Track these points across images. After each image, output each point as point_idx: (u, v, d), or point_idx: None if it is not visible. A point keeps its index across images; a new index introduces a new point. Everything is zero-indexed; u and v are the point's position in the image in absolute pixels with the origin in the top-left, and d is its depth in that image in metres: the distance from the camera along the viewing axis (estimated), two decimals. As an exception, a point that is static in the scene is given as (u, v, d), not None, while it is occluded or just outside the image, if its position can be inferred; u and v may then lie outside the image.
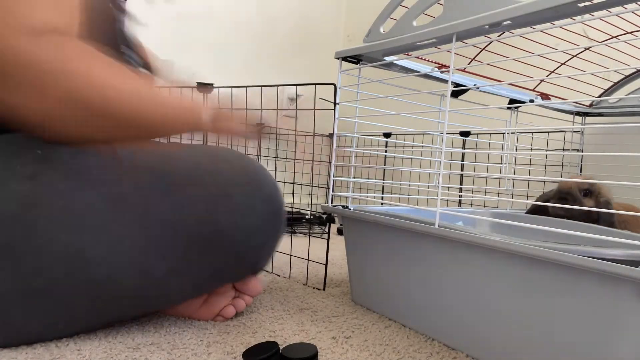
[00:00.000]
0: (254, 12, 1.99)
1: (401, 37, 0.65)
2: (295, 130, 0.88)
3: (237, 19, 1.96)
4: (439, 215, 0.57)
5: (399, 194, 1.60)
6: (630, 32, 0.76)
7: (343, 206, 0.77)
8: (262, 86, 0.88)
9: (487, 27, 0.56)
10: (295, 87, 0.83)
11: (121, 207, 0.52)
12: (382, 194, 1.63)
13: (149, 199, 0.53)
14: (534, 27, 0.55)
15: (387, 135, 1.67)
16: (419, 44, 0.65)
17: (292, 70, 2.06)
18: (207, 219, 0.56)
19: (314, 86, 0.84)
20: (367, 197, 0.76)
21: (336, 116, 0.76)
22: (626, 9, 0.47)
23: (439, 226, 0.57)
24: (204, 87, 1.02)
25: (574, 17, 0.52)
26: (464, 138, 1.34)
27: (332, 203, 0.77)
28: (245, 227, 0.59)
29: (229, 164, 0.61)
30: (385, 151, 1.59)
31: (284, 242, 1.07)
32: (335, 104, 0.77)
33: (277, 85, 0.89)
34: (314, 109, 0.81)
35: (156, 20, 1.76)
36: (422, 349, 0.58)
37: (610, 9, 0.49)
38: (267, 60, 2.04)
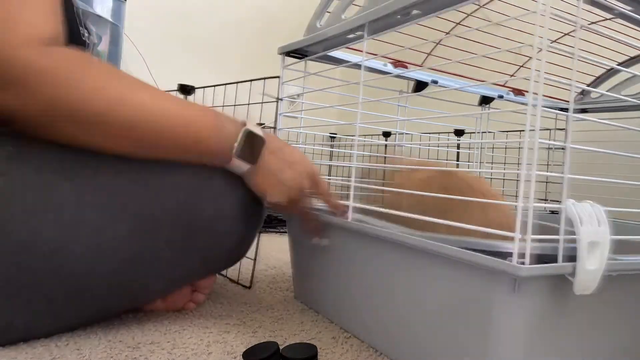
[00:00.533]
0: (254, 12, 1.99)
1: (327, 30, 0.65)
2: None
3: (237, 18, 1.95)
4: (351, 209, 0.58)
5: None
6: (595, 22, 0.75)
7: None
8: (224, 84, 0.89)
9: (399, 16, 0.55)
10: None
11: (99, 199, 0.51)
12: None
13: (127, 188, 0.53)
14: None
15: (386, 134, 1.67)
16: (352, 35, 0.64)
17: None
18: (189, 205, 0.55)
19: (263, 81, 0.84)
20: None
21: (280, 111, 0.76)
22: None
23: (351, 220, 0.58)
24: (185, 90, 1.03)
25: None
26: (458, 138, 1.34)
27: None
28: (227, 211, 0.59)
29: None
30: (332, 147, 1.58)
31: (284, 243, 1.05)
32: (278, 99, 0.77)
33: (237, 82, 0.89)
34: (262, 102, 0.80)
35: (157, 19, 1.76)
36: (422, 349, 0.58)
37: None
38: (268, 61, 2.04)
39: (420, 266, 0.50)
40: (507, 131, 1.13)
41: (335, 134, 1.66)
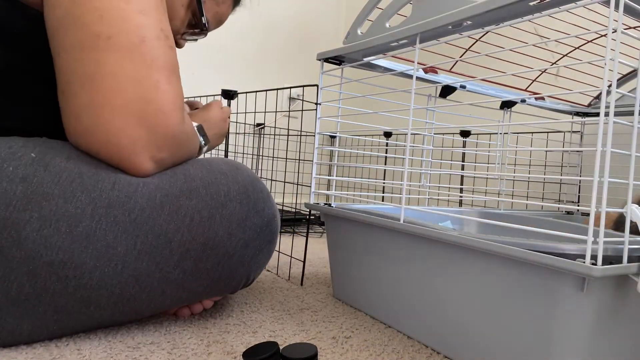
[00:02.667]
0: (256, 15, 1.99)
1: (374, 38, 0.66)
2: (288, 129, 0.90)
3: (240, 21, 1.96)
4: (403, 211, 0.61)
5: (391, 194, 1.61)
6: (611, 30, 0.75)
7: (326, 204, 0.78)
8: (265, 90, 0.88)
9: (450, 27, 0.56)
10: (289, 88, 0.86)
11: (114, 214, 0.52)
12: (368, 192, 1.64)
13: (143, 208, 0.53)
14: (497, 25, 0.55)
15: (387, 135, 1.67)
16: (395, 44, 0.65)
17: (294, 71, 2.06)
18: (202, 230, 0.56)
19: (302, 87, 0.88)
20: (347, 194, 0.79)
21: (318, 116, 0.80)
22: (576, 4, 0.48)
23: (403, 221, 0.60)
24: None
25: (532, 18, 0.52)
26: (465, 139, 1.34)
27: (314, 201, 0.79)
28: (239, 238, 0.60)
29: (224, 175, 0.61)
30: (364, 149, 1.59)
31: (285, 243, 1.06)
32: (317, 104, 0.79)
33: (276, 89, 0.91)
34: (302, 109, 0.83)
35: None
36: (422, 349, 0.58)
37: (561, 7, 0.49)
38: (269, 62, 2.04)
39: (480, 266, 0.51)
40: (532, 132, 1.13)
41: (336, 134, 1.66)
